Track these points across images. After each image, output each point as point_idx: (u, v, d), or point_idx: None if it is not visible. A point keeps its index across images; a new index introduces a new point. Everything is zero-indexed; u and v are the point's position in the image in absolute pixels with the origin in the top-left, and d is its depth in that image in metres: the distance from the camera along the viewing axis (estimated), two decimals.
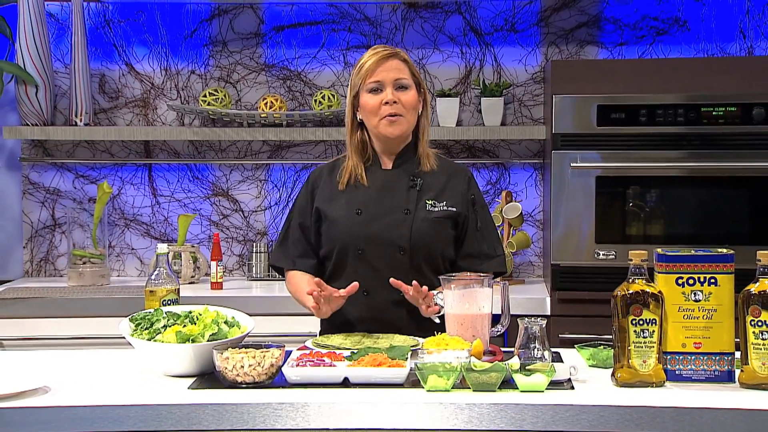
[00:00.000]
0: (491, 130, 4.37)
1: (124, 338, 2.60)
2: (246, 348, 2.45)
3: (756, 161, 3.90)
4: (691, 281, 2.42)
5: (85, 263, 4.35)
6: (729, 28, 4.44)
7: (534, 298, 3.99)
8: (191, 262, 4.38)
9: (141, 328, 2.62)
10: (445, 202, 3.01)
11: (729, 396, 2.32)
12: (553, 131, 3.99)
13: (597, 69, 4.07)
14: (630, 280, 2.43)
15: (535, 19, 4.49)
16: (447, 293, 2.72)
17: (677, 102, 3.94)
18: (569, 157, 3.97)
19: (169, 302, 2.85)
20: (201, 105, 4.42)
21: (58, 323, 3.95)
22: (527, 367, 2.36)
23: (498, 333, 2.77)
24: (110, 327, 3.08)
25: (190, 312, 2.66)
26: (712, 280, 2.42)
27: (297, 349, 2.69)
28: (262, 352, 2.42)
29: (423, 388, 2.35)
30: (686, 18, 4.45)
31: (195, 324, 2.59)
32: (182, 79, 4.57)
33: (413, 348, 2.65)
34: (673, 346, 2.43)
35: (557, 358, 2.63)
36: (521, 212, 4.35)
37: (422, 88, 3.04)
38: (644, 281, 2.42)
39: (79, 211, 4.49)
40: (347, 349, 2.63)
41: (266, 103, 4.40)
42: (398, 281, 2.82)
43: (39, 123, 4.41)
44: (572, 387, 2.40)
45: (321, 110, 4.38)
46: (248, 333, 2.64)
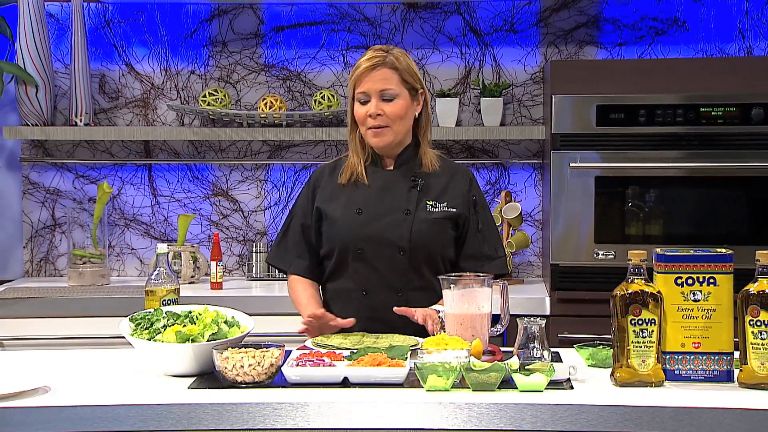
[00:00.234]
0: (491, 131, 4.37)
1: (124, 338, 2.61)
2: (246, 348, 2.46)
3: (755, 161, 3.91)
4: (690, 281, 2.43)
5: (85, 263, 4.35)
6: (728, 29, 4.44)
7: (533, 298, 3.99)
8: (191, 262, 4.39)
9: (141, 328, 2.62)
10: (446, 203, 3.02)
11: (728, 396, 2.32)
12: (553, 131, 3.99)
13: (596, 69, 4.07)
14: (629, 280, 2.43)
15: (535, 20, 4.49)
16: (446, 293, 2.72)
17: (676, 102, 3.94)
18: (568, 158, 3.97)
19: (169, 302, 2.86)
20: (201, 105, 4.42)
21: (58, 323, 3.95)
22: (526, 367, 2.36)
23: (497, 333, 2.78)
24: (110, 327, 3.08)
25: (190, 312, 2.66)
26: (711, 280, 2.42)
27: (297, 349, 2.69)
28: (262, 352, 2.43)
29: (422, 388, 2.36)
30: (685, 18, 4.45)
31: (195, 324, 2.59)
32: (182, 80, 4.57)
33: (413, 348, 2.65)
34: (672, 346, 2.43)
35: (556, 358, 2.63)
36: (520, 212, 4.36)
37: (420, 90, 3.02)
38: (643, 281, 2.42)
39: (79, 211, 4.49)
40: (347, 349, 2.63)
41: (266, 103, 4.40)
42: (403, 309, 2.85)
43: (39, 123, 4.41)
44: (571, 387, 2.40)
45: (321, 110, 4.38)
46: (248, 333, 2.64)
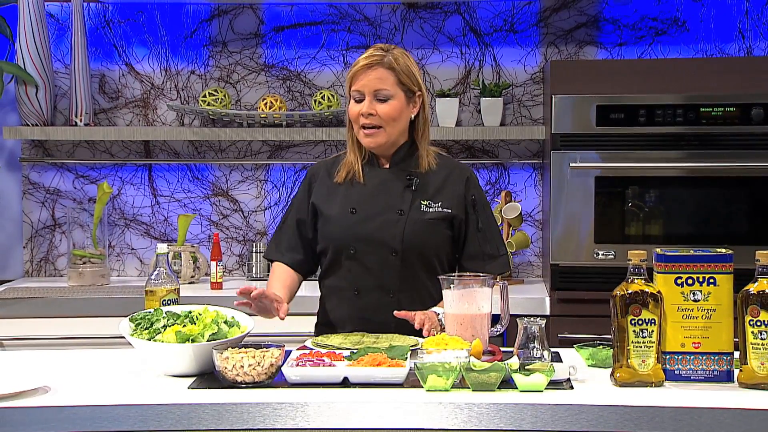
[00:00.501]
0: (491, 131, 4.37)
1: (124, 338, 2.61)
2: (246, 348, 2.46)
3: (755, 161, 3.91)
4: (690, 281, 2.43)
5: (85, 263, 4.35)
6: (728, 29, 4.44)
7: (533, 298, 3.99)
8: (191, 262, 4.39)
9: (141, 328, 2.62)
10: (441, 203, 3.00)
11: (728, 396, 2.32)
12: (553, 131, 3.99)
13: (596, 69, 4.07)
14: (629, 280, 2.43)
15: (535, 20, 4.49)
16: (446, 293, 2.72)
17: (676, 102, 3.94)
18: (568, 158, 3.97)
19: (169, 302, 2.86)
20: (201, 105, 4.42)
21: (58, 323, 3.95)
22: (526, 367, 2.36)
23: (497, 333, 2.78)
24: (110, 327, 3.08)
25: (190, 312, 2.66)
26: (711, 280, 2.42)
27: (297, 349, 2.69)
28: (262, 352, 2.43)
29: (422, 388, 2.36)
30: (685, 18, 4.45)
31: (195, 324, 2.59)
32: (182, 80, 4.57)
33: (413, 348, 2.65)
34: (672, 346, 2.43)
35: (556, 358, 2.63)
36: (520, 212, 4.36)
37: (417, 93, 3.00)
38: (643, 281, 2.42)
39: (79, 211, 4.49)
40: (347, 349, 2.63)
41: (266, 104, 4.40)
42: (403, 312, 2.83)
43: (39, 123, 4.41)
44: (571, 387, 2.40)
45: (321, 110, 4.38)
46: (248, 333, 2.64)
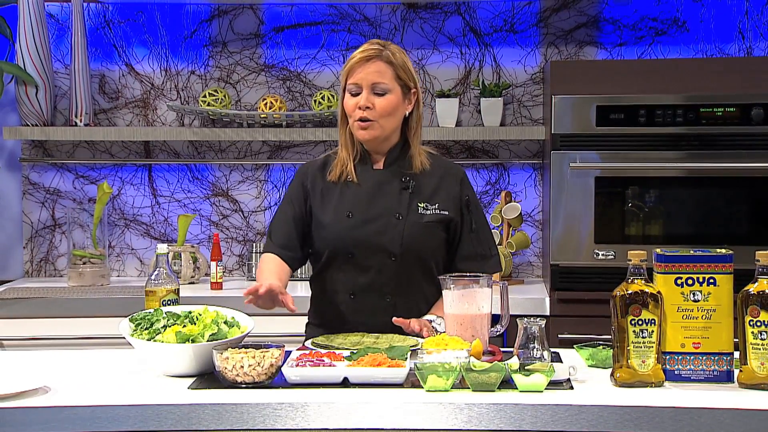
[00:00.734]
0: (490, 131, 4.37)
1: (124, 338, 2.61)
2: (246, 348, 2.46)
3: (755, 161, 3.91)
4: (690, 281, 2.43)
5: (85, 263, 4.35)
6: (728, 29, 4.44)
7: (533, 298, 3.99)
8: (191, 263, 4.39)
9: (141, 328, 2.62)
10: (438, 205, 2.99)
11: (728, 396, 2.33)
12: (553, 132, 3.99)
13: (596, 69, 4.07)
14: (629, 280, 2.43)
15: (535, 20, 4.49)
16: (446, 293, 2.72)
17: (676, 102, 3.94)
18: (568, 158, 3.97)
19: (169, 302, 2.86)
20: (201, 105, 4.42)
21: (58, 323, 3.95)
22: (526, 367, 2.36)
23: (497, 333, 2.78)
24: (110, 327, 3.08)
25: (190, 312, 2.66)
26: (711, 281, 2.43)
27: (297, 349, 2.69)
28: (262, 352, 2.43)
29: (422, 388, 2.36)
30: (685, 19, 4.45)
31: (195, 324, 2.59)
32: (182, 80, 4.57)
33: (413, 348, 2.65)
34: (672, 346, 2.43)
35: (556, 358, 2.63)
36: (520, 212, 4.36)
37: (413, 89, 2.98)
38: (643, 281, 2.42)
39: (79, 212, 4.49)
40: (347, 349, 2.63)
41: (266, 104, 4.40)
42: (400, 320, 2.83)
43: (39, 123, 4.41)
44: (571, 387, 2.40)
45: (320, 111, 4.38)
46: (248, 333, 2.64)
